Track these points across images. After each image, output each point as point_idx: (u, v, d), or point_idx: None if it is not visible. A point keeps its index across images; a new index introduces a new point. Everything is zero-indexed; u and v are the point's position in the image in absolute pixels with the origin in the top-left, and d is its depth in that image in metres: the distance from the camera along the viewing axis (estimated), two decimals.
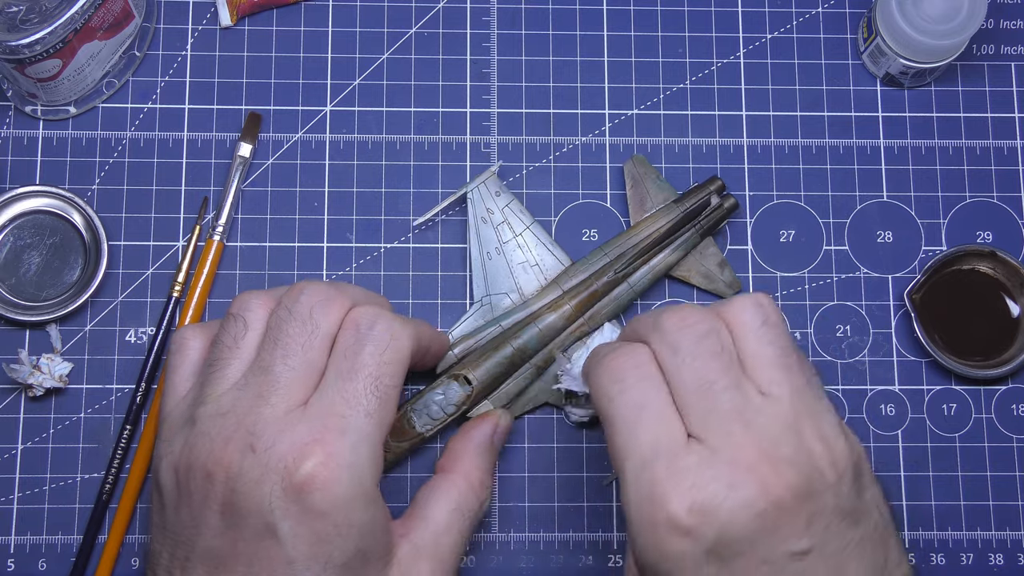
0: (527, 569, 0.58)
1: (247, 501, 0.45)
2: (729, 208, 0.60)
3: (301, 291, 0.49)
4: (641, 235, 0.59)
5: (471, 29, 0.63)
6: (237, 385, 0.48)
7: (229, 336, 0.49)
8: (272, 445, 0.46)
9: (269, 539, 0.45)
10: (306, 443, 0.46)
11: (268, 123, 0.61)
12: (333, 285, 0.50)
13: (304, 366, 0.48)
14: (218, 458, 0.46)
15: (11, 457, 0.58)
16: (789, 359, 0.45)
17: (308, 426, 0.46)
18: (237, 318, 0.50)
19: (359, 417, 0.47)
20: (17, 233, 0.59)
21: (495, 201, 0.59)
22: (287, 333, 0.48)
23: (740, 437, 0.43)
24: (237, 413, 0.47)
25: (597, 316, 0.58)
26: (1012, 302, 0.61)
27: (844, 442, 0.44)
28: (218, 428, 0.47)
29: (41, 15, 0.55)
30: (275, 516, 0.45)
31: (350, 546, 0.46)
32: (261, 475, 0.45)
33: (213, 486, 0.46)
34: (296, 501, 0.45)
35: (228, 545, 0.46)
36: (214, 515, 0.46)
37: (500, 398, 0.57)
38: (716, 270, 0.60)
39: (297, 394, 0.47)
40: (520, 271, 0.59)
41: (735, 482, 0.42)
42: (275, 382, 0.47)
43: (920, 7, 0.59)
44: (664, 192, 0.60)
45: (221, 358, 0.49)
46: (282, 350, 0.48)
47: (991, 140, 0.63)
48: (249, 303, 0.50)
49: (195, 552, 0.46)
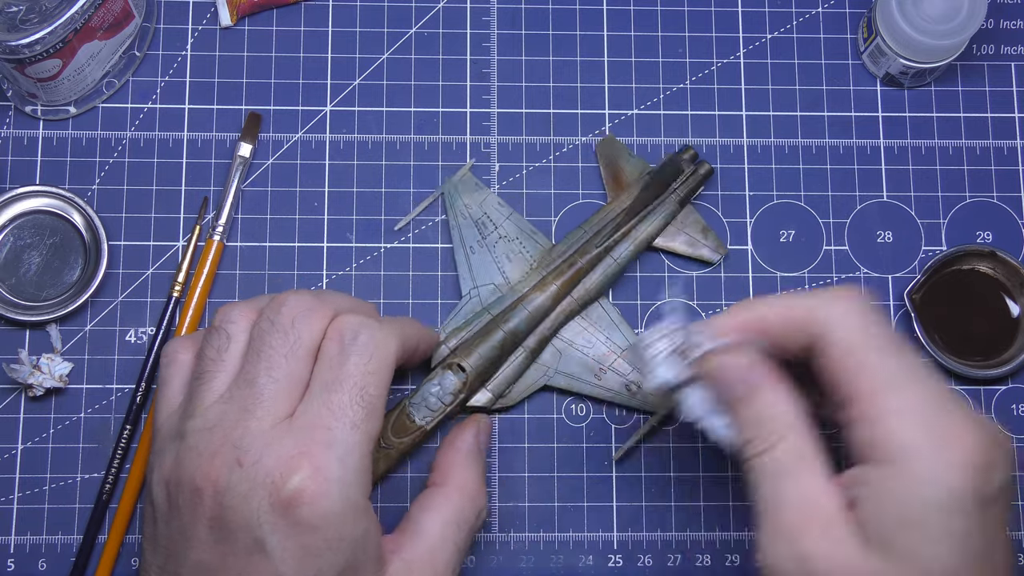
0: (527, 569, 0.58)
1: (235, 516, 0.45)
2: (705, 174, 0.60)
3: (283, 302, 0.49)
4: (619, 208, 0.59)
5: (471, 29, 0.63)
6: (223, 398, 0.48)
7: (212, 349, 0.49)
8: (259, 459, 0.45)
9: (258, 554, 0.45)
10: (292, 456, 0.45)
11: (268, 123, 0.61)
12: (315, 295, 0.50)
13: (288, 378, 0.47)
14: (205, 473, 0.46)
15: (11, 457, 0.58)
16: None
17: (294, 439, 0.46)
18: (220, 331, 0.49)
19: (345, 429, 0.46)
20: (17, 233, 0.59)
21: (472, 196, 0.60)
22: (269, 345, 0.48)
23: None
24: (223, 427, 0.47)
25: (585, 293, 0.58)
26: (1012, 302, 0.61)
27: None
28: (205, 442, 0.47)
29: (41, 15, 0.55)
30: (263, 531, 0.45)
31: (340, 560, 0.45)
32: (249, 490, 0.45)
33: (202, 501, 0.46)
34: (284, 515, 0.45)
35: (217, 559, 0.46)
36: (203, 529, 0.46)
37: (498, 385, 0.57)
38: (699, 236, 0.60)
39: (282, 406, 0.47)
40: (504, 261, 0.59)
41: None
42: (259, 395, 0.47)
43: (920, 7, 0.59)
44: (638, 167, 0.60)
45: (206, 371, 0.49)
46: (265, 362, 0.48)
47: (991, 140, 0.63)
48: (231, 315, 0.50)
49: (185, 566, 0.46)
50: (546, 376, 0.58)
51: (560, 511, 0.58)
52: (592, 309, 0.59)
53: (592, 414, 0.59)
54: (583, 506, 0.59)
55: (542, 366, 0.58)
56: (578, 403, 0.59)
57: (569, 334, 0.59)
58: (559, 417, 0.59)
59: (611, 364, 0.58)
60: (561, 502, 0.58)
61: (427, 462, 0.58)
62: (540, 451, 0.59)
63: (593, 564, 0.58)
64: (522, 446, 0.59)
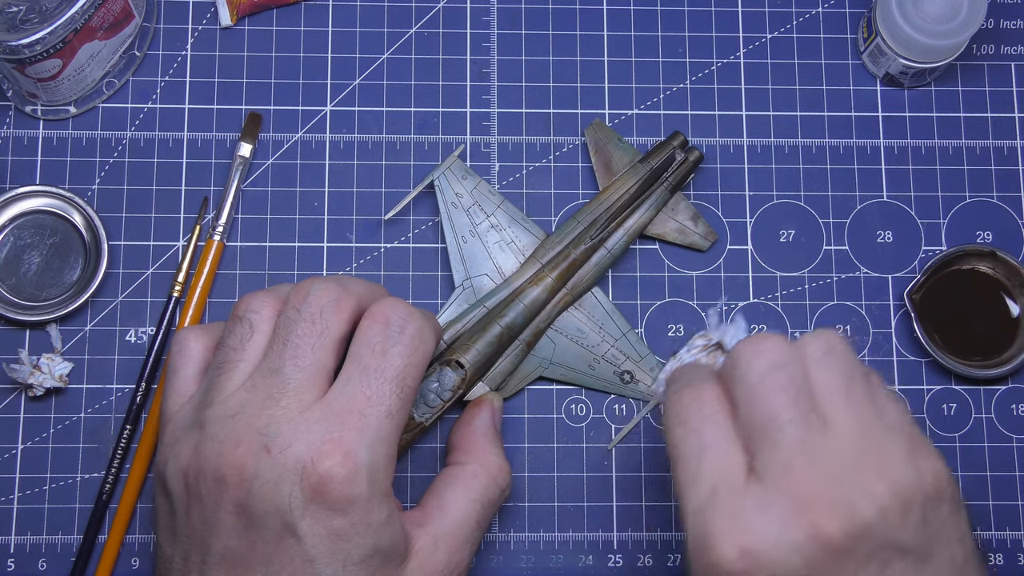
0: (527, 569, 0.58)
1: (264, 503, 0.45)
2: (695, 161, 0.60)
3: (308, 291, 0.49)
4: (611, 198, 0.59)
5: (471, 29, 0.63)
6: (245, 387, 0.48)
7: (235, 338, 0.49)
8: (289, 446, 0.46)
9: (289, 539, 0.45)
10: (324, 442, 0.46)
11: (268, 123, 0.61)
12: (338, 283, 0.50)
13: (313, 367, 0.48)
14: (229, 461, 0.46)
15: (11, 457, 0.58)
16: (853, 388, 0.45)
17: (325, 425, 0.46)
18: (243, 320, 0.49)
19: (380, 417, 0.47)
20: (17, 233, 0.59)
21: (463, 185, 0.60)
22: (297, 334, 0.48)
23: (799, 475, 0.43)
24: (247, 415, 0.47)
25: (579, 284, 0.58)
26: (1012, 302, 0.61)
27: (914, 474, 0.43)
28: (227, 431, 0.47)
29: (41, 15, 0.55)
30: (294, 516, 0.45)
31: (368, 543, 0.46)
32: (279, 476, 0.45)
33: (226, 489, 0.46)
34: (314, 500, 0.45)
35: (246, 546, 0.46)
36: (229, 517, 0.46)
37: (494, 378, 0.57)
38: (690, 224, 0.60)
39: (307, 395, 0.47)
40: (497, 250, 0.59)
41: (785, 525, 0.42)
42: (285, 383, 0.47)
43: (920, 7, 0.59)
44: (628, 154, 0.60)
45: (228, 360, 0.49)
46: (292, 351, 0.48)
47: (991, 140, 0.63)
48: (253, 304, 0.50)
49: (211, 555, 0.46)
50: (541, 367, 0.58)
51: (560, 511, 0.58)
52: (585, 299, 0.59)
53: (592, 414, 0.59)
54: (583, 506, 0.59)
55: (537, 357, 0.59)
56: (578, 403, 0.59)
57: (563, 325, 0.59)
58: (559, 417, 0.59)
59: (604, 354, 0.59)
60: (561, 502, 0.59)
61: (427, 462, 0.58)
62: (540, 451, 0.59)
63: (593, 564, 0.58)
64: (522, 446, 0.59)
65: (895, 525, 0.42)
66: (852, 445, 0.43)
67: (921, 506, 0.43)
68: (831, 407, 0.44)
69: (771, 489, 0.43)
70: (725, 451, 0.44)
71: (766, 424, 0.44)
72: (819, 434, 0.43)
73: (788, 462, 0.43)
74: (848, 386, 0.45)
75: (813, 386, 0.45)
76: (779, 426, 0.43)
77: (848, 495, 0.42)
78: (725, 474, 0.44)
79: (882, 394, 0.46)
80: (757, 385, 0.45)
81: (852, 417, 0.44)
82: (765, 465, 0.43)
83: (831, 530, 0.41)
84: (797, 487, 0.42)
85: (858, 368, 0.46)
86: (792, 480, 0.43)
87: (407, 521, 0.49)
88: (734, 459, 0.44)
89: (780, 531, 0.42)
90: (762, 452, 0.44)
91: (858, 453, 0.43)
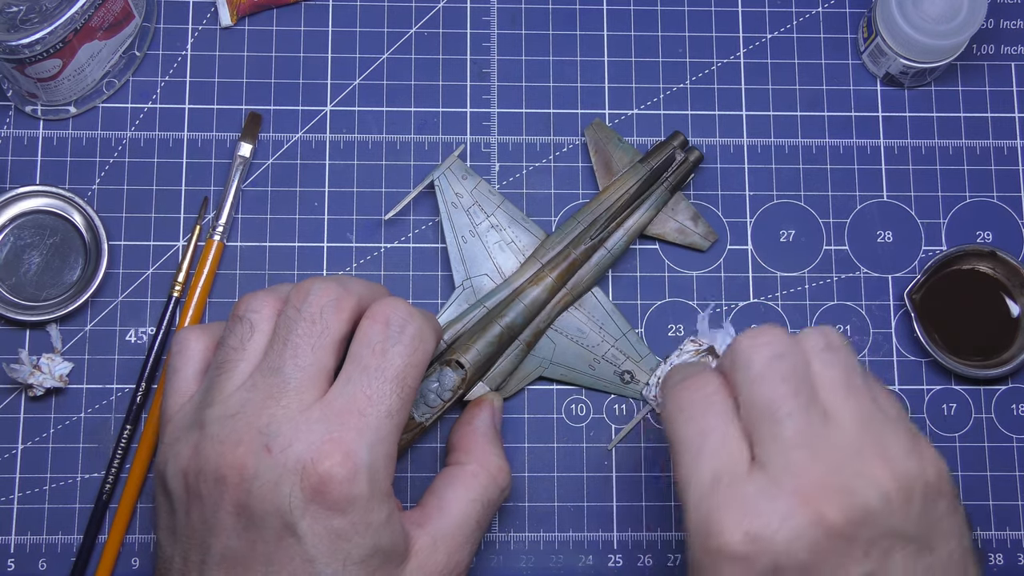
0: (527, 569, 0.58)
1: (264, 503, 0.45)
2: (695, 161, 0.60)
3: (308, 291, 0.49)
4: (611, 198, 0.59)
5: (471, 29, 0.63)
6: (245, 387, 0.48)
7: (235, 338, 0.49)
8: (289, 445, 0.46)
9: (289, 538, 0.45)
10: (324, 442, 0.46)
11: (268, 123, 0.61)
12: (338, 282, 0.50)
13: (314, 366, 0.48)
14: (230, 461, 0.46)
15: (11, 457, 0.58)
16: (854, 381, 0.45)
17: (325, 425, 0.46)
18: (243, 320, 0.49)
19: (380, 416, 0.47)
20: (17, 233, 0.59)
21: (463, 184, 0.60)
22: (297, 333, 0.48)
23: (802, 464, 0.43)
24: (247, 414, 0.47)
25: (579, 284, 0.58)
26: (1012, 302, 0.61)
27: (916, 463, 0.44)
28: (228, 430, 0.47)
29: (41, 15, 0.55)
30: (294, 516, 0.45)
31: (368, 543, 0.46)
32: (279, 476, 0.45)
33: (226, 489, 0.46)
34: (314, 500, 0.45)
35: (246, 546, 0.46)
36: (228, 517, 0.46)
37: (494, 378, 0.57)
38: (690, 224, 0.60)
39: (307, 394, 0.47)
40: (497, 250, 0.59)
41: (790, 511, 0.42)
42: (285, 383, 0.47)
43: (920, 7, 0.59)
44: (628, 154, 0.60)
45: (228, 360, 0.49)
46: (292, 350, 0.48)
47: (991, 140, 0.63)
48: (253, 304, 0.50)
49: (211, 555, 0.46)
50: (541, 367, 0.58)
51: (560, 511, 0.58)
52: (585, 299, 0.59)
53: (592, 414, 0.59)
54: (583, 506, 0.59)
55: (537, 357, 0.59)
56: (578, 403, 0.59)
57: (563, 325, 0.59)
58: (559, 417, 0.59)
59: (604, 354, 0.59)
60: (561, 502, 0.59)
61: (427, 461, 0.58)
62: (540, 451, 0.59)
63: (593, 564, 0.58)
64: (522, 446, 0.59)
65: (897, 512, 0.42)
66: (854, 435, 0.44)
67: (922, 495, 0.43)
68: (832, 398, 0.45)
69: (774, 477, 0.43)
70: (728, 440, 0.45)
71: (768, 413, 0.44)
72: (820, 425, 0.44)
73: (790, 452, 0.43)
74: (849, 378, 0.45)
75: (814, 377, 0.45)
76: (781, 417, 0.44)
77: (850, 482, 0.42)
78: (728, 462, 0.44)
79: (880, 390, 0.46)
80: (759, 375, 0.45)
81: (853, 408, 0.44)
82: (767, 454, 0.43)
83: (834, 516, 0.42)
84: (800, 475, 0.43)
85: (856, 362, 0.46)
86: (795, 469, 0.43)
87: (407, 521, 0.49)
88: (737, 447, 0.44)
89: (784, 517, 0.42)
90: (764, 441, 0.44)
91: (860, 443, 0.43)
